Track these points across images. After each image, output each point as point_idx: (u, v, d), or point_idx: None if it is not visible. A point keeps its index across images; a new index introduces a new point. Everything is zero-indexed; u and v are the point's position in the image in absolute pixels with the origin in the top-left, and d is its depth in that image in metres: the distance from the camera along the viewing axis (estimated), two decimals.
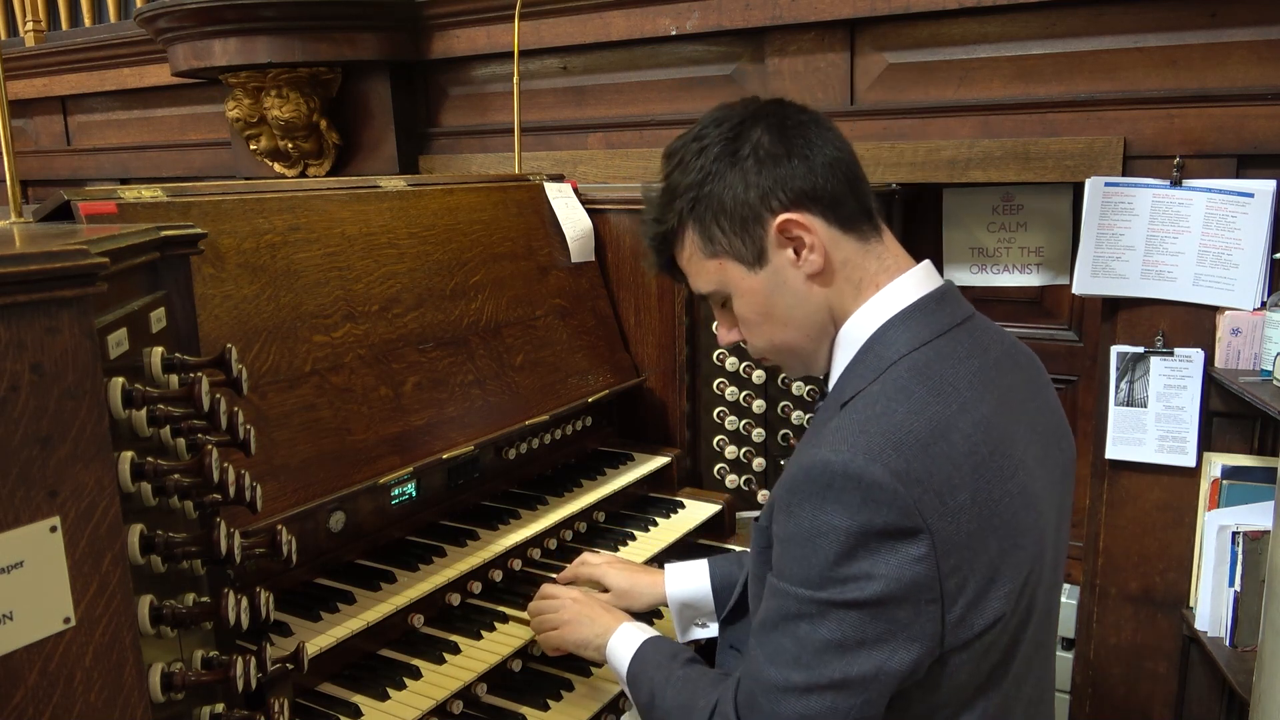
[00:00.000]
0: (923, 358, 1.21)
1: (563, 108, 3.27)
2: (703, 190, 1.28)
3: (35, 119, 4.91)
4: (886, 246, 1.31)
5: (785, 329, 1.32)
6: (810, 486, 1.13)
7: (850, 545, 1.10)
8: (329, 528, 1.69)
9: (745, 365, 2.34)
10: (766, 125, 1.27)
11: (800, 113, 1.30)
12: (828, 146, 1.27)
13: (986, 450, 1.16)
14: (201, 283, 1.52)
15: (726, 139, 1.28)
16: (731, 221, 1.28)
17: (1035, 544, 1.22)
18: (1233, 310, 2.29)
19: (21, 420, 0.82)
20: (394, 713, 1.48)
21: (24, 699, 0.84)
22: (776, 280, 1.29)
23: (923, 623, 1.11)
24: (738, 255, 1.29)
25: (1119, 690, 2.57)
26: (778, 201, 1.25)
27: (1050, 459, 1.32)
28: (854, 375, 1.26)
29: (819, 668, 1.14)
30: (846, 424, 1.16)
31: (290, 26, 3.25)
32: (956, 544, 1.11)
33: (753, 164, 1.26)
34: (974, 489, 1.14)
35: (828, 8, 2.63)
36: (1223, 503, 2.34)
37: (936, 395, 1.17)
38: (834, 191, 1.26)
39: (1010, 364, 1.31)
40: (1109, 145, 2.36)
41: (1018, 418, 1.25)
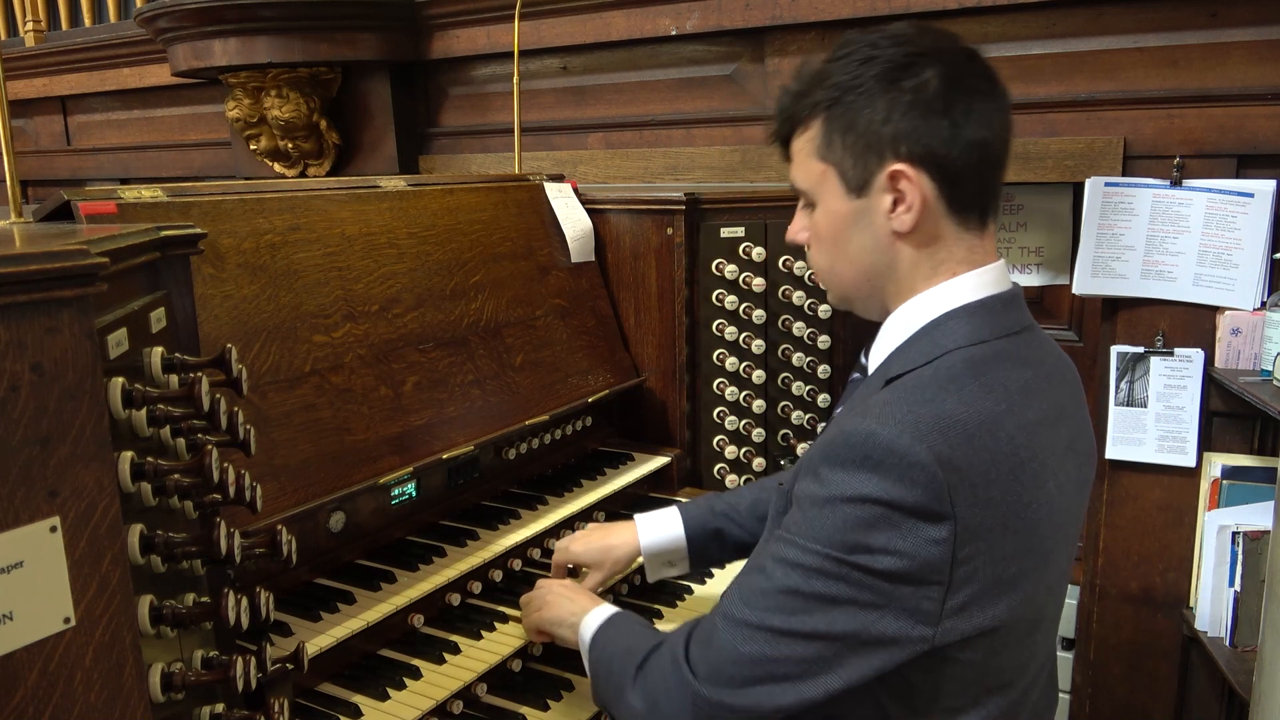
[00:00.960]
0: (979, 354, 1.20)
1: (563, 108, 3.27)
2: (846, 97, 1.23)
3: (35, 119, 4.91)
4: (982, 242, 1.27)
5: (848, 264, 1.30)
6: (849, 453, 1.12)
7: (874, 516, 1.10)
8: (329, 528, 1.69)
9: (745, 365, 2.34)
10: (942, 71, 1.20)
11: (982, 78, 1.23)
12: (985, 125, 1.21)
13: (1026, 454, 1.16)
14: (201, 283, 1.52)
15: (897, 63, 1.21)
16: (855, 141, 1.23)
17: (1051, 554, 1.21)
18: (1233, 310, 2.29)
19: (21, 420, 0.82)
20: (394, 713, 1.48)
21: (24, 699, 0.84)
22: (863, 217, 1.25)
23: (919, 600, 1.11)
24: (843, 173, 1.25)
25: (1119, 690, 2.57)
26: (905, 148, 1.20)
27: (1079, 476, 1.31)
28: (904, 356, 1.24)
29: (800, 616, 1.14)
30: (895, 400, 1.15)
31: (290, 26, 3.25)
32: (977, 535, 1.11)
33: (906, 101, 1.19)
34: (1006, 488, 1.13)
35: (828, 8, 2.63)
36: (1223, 503, 2.34)
37: (988, 392, 1.16)
38: (961, 169, 1.21)
39: (1059, 379, 1.30)
40: (1109, 145, 2.36)
41: (1058, 432, 1.24)
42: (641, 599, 1.98)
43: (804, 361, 2.39)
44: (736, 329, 2.32)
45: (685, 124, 3.02)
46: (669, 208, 2.29)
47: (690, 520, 1.77)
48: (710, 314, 2.32)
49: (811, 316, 2.38)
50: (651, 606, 1.94)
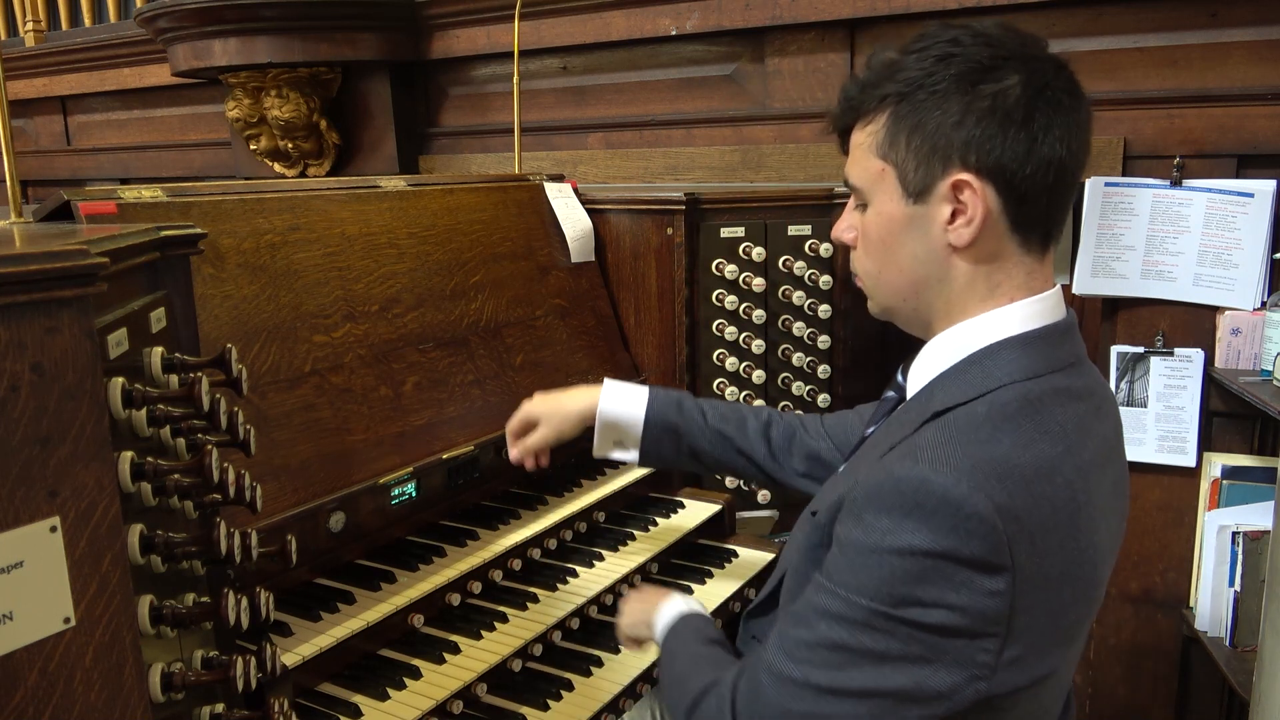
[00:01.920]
0: (1035, 390, 1.12)
1: (563, 108, 3.27)
2: (918, 94, 1.14)
3: (35, 119, 4.91)
4: (1042, 266, 1.20)
5: (895, 272, 1.22)
6: (898, 500, 1.04)
7: (925, 569, 1.02)
8: (329, 528, 1.69)
9: (745, 365, 2.34)
10: (1026, 79, 1.11)
11: (1067, 91, 1.14)
12: (1063, 142, 1.12)
13: (1083, 499, 1.10)
14: (201, 283, 1.52)
15: (979, 64, 1.12)
16: (921, 142, 1.14)
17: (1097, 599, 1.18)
18: (1233, 310, 2.29)
19: (21, 420, 0.82)
20: (394, 713, 1.48)
21: (24, 699, 0.84)
22: (918, 225, 1.18)
23: (974, 651, 1.04)
24: (903, 174, 1.17)
25: (1119, 690, 2.57)
26: (974, 158, 1.12)
27: (1121, 513, 1.28)
28: (951, 385, 1.16)
29: (847, 672, 1.07)
30: (947, 441, 1.08)
31: (290, 26, 3.25)
32: (1035, 585, 1.05)
33: (983, 106, 1.11)
34: (1064, 535, 1.07)
35: (828, 8, 2.63)
36: (1223, 503, 2.34)
37: (1044, 434, 1.09)
38: (1032, 187, 1.13)
39: (1106, 412, 1.24)
40: (1109, 145, 2.36)
41: (1107, 472, 1.19)
42: None
43: (804, 361, 2.39)
44: (736, 329, 2.32)
45: (685, 124, 3.02)
46: (669, 208, 2.29)
47: (654, 405, 1.74)
48: (710, 314, 2.32)
49: (811, 316, 2.38)
50: None
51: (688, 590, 2.01)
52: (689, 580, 2.05)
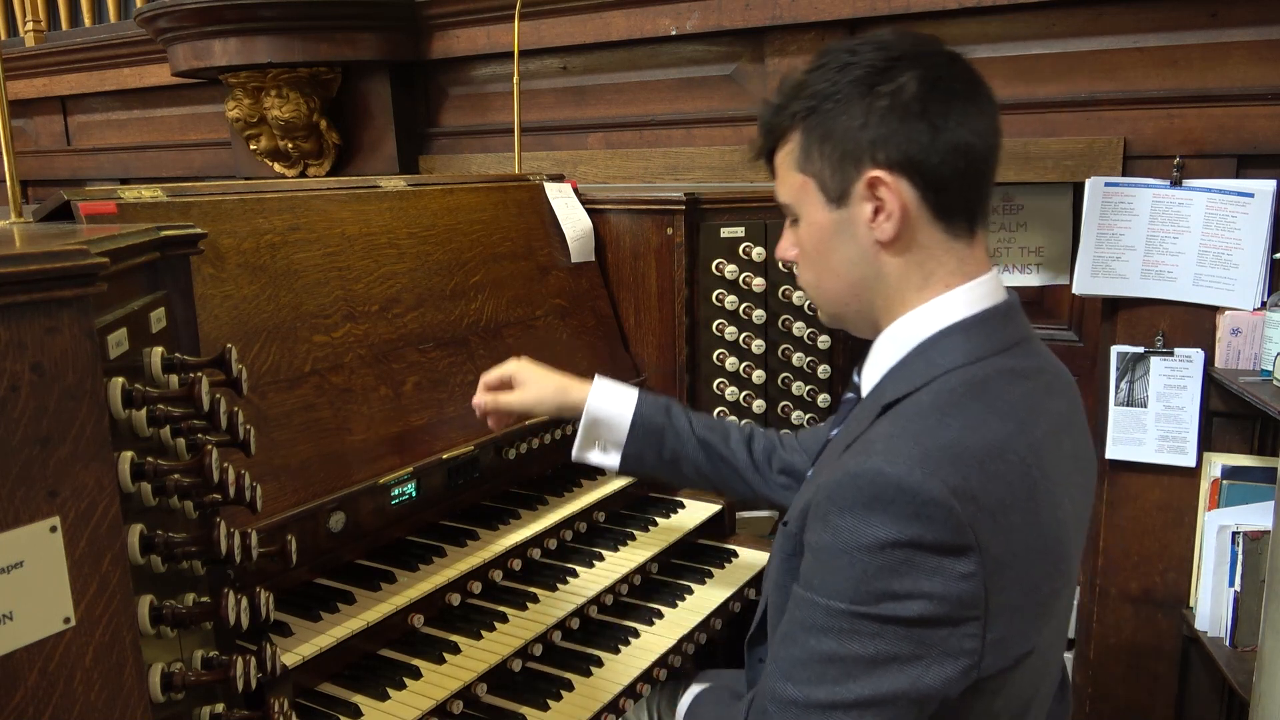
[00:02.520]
0: (980, 372, 1.15)
1: (563, 108, 3.27)
2: (824, 105, 1.20)
3: (35, 119, 4.91)
4: (972, 251, 1.23)
5: (833, 278, 1.27)
6: (856, 495, 1.06)
7: (895, 561, 1.04)
8: (329, 528, 1.69)
9: (745, 365, 2.34)
10: (920, 75, 1.16)
11: (962, 80, 1.19)
12: (966, 128, 1.17)
13: (1038, 474, 1.12)
14: (201, 283, 1.52)
15: (874, 67, 1.17)
16: (833, 150, 1.20)
17: (1070, 571, 1.19)
18: (1233, 310, 2.29)
19: (21, 420, 0.82)
20: (394, 713, 1.48)
21: (24, 699, 0.84)
22: (845, 228, 1.22)
23: (960, 639, 1.06)
24: (822, 184, 1.22)
25: (1119, 690, 2.57)
26: (883, 155, 1.17)
27: (1085, 486, 1.29)
28: (899, 378, 1.20)
29: (845, 684, 1.07)
30: (897, 432, 1.11)
31: (290, 26, 3.25)
32: (1005, 563, 1.06)
33: (883, 106, 1.16)
34: (1025, 511, 1.09)
35: (828, 8, 2.63)
36: (1223, 503, 2.34)
37: (993, 413, 1.12)
38: (944, 174, 1.17)
39: (1059, 388, 1.26)
40: (1109, 145, 2.36)
41: (1063, 444, 1.21)
42: (642, 598, 1.98)
43: (804, 361, 2.39)
44: (736, 329, 2.32)
45: (685, 124, 3.02)
46: (669, 208, 2.29)
47: (643, 406, 1.74)
48: (710, 314, 2.32)
49: (811, 317, 2.38)
50: (652, 606, 1.94)
51: (689, 590, 2.02)
52: (689, 580, 2.05)
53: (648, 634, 1.86)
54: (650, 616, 1.91)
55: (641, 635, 1.85)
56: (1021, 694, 1.19)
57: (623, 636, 1.84)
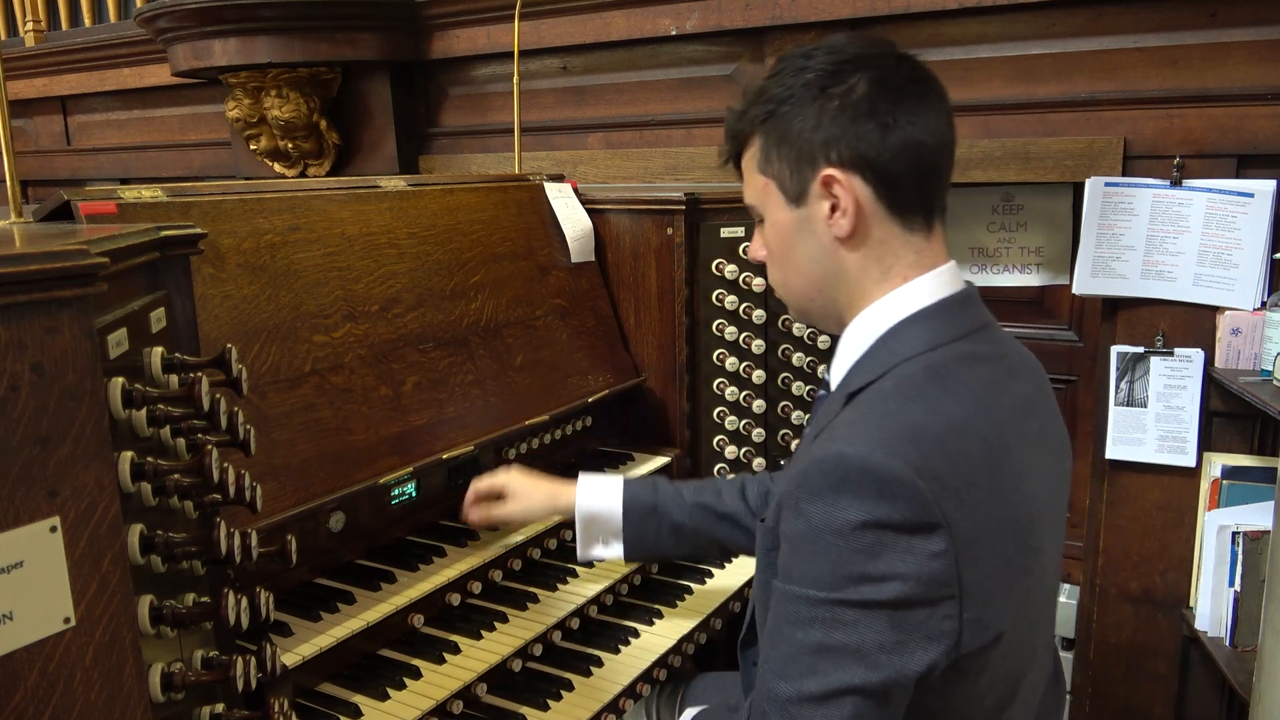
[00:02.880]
0: (939, 359, 1.19)
1: (563, 108, 3.27)
2: (780, 109, 1.25)
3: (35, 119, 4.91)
4: (930, 245, 1.27)
5: (797, 275, 1.32)
6: (823, 480, 1.09)
7: (865, 542, 1.07)
8: (329, 528, 1.69)
9: (745, 365, 2.34)
10: (870, 77, 1.21)
11: (912, 80, 1.23)
12: (914, 126, 1.21)
13: (1001, 451, 1.15)
14: (201, 283, 1.52)
15: (826, 70, 1.22)
16: (789, 151, 1.25)
17: (1044, 547, 1.21)
18: (1233, 310, 2.29)
19: (21, 420, 0.82)
20: (394, 713, 1.48)
21: (24, 699, 0.84)
22: (805, 226, 1.27)
23: (939, 620, 1.08)
24: (782, 185, 1.28)
25: (1119, 690, 2.57)
26: (836, 154, 1.21)
27: (1057, 466, 1.31)
28: (864, 369, 1.24)
29: (834, 674, 1.09)
30: (859, 418, 1.14)
31: (290, 26, 3.25)
32: (974, 539, 1.09)
33: (834, 107, 1.21)
34: (989, 487, 1.12)
35: (828, 8, 2.63)
36: (1223, 503, 2.34)
37: (952, 395, 1.15)
38: (895, 171, 1.21)
39: (1022, 372, 1.29)
40: (1109, 145, 2.36)
41: (1028, 424, 1.24)
42: (642, 598, 1.98)
43: (804, 361, 2.39)
44: (736, 329, 2.32)
45: (685, 124, 3.02)
46: (669, 208, 2.29)
47: (630, 489, 1.78)
48: (710, 314, 2.32)
49: None
50: (652, 606, 1.95)
51: (689, 590, 2.02)
52: (688, 580, 2.05)
53: (648, 634, 1.86)
54: (650, 616, 1.91)
55: (641, 635, 1.85)
56: (1006, 675, 1.21)
57: (623, 636, 1.84)
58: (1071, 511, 2.83)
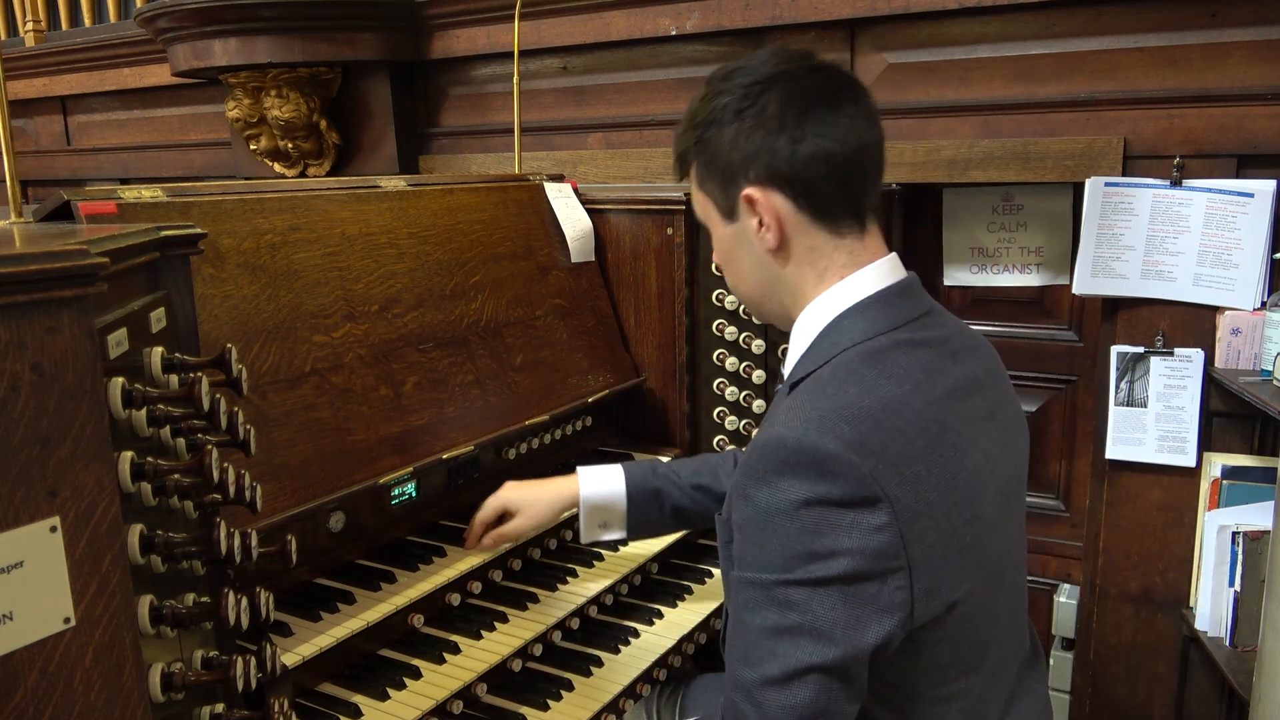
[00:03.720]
0: (875, 345, 1.23)
1: (563, 108, 3.27)
2: (706, 133, 1.31)
3: (35, 119, 4.91)
4: (864, 244, 1.31)
5: (745, 281, 1.38)
6: (765, 465, 1.13)
7: (809, 520, 1.10)
8: (329, 528, 1.69)
9: (745, 365, 2.34)
10: (781, 94, 1.26)
11: (823, 91, 1.27)
12: (825, 136, 1.24)
13: (939, 427, 1.18)
14: (201, 283, 1.52)
15: (742, 93, 1.28)
16: (717, 171, 1.32)
17: (998, 519, 1.24)
18: (1233, 310, 2.29)
19: (21, 420, 0.82)
20: (394, 713, 1.48)
21: (24, 699, 0.84)
22: (741, 239, 1.34)
23: (890, 592, 1.11)
24: (716, 203, 1.35)
25: (1119, 690, 2.57)
26: (753, 173, 1.27)
27: (1009, 443, 1.35)
28: (807, 361, 1.28)
29: (793, 654, 1.12)
30: (797, 404, 1.18)
31: (290, 26, 3.25)
32: (918, 512, 1.12)
33: (748, 127, 1.26)
34: (929, 462, 1.15)
35: (828, 8, 2.63)
36: (1223, 503, 2.34)
37: (888, 377, 1.19)
38: (810, 181, 1.25)
39: (968, 354, 1.33)
40: (1109, 145, 2.36)
41: (972, 402, 1.27)
42: (642, 598, 1.98)
43: None
44: (736, 329, 2.32)
45: None
46: (669, 208, 2.29)
47: (632, 478, 1.81)
48: (710, 314, 2.32)
49: None
50: (652, 606, 1.95)
51: (688, 590, 2.02)
52: (688, 580, 2.05)
53: (648, 634, 1.86)
54: (650, 616, 1.91)
55: (641, 635, 1.85)
56: (969, 645, 1.23)
57: (623, 636, 1.84)
58: (1071, 511, 2.83)
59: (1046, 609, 2.78)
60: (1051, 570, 2.84)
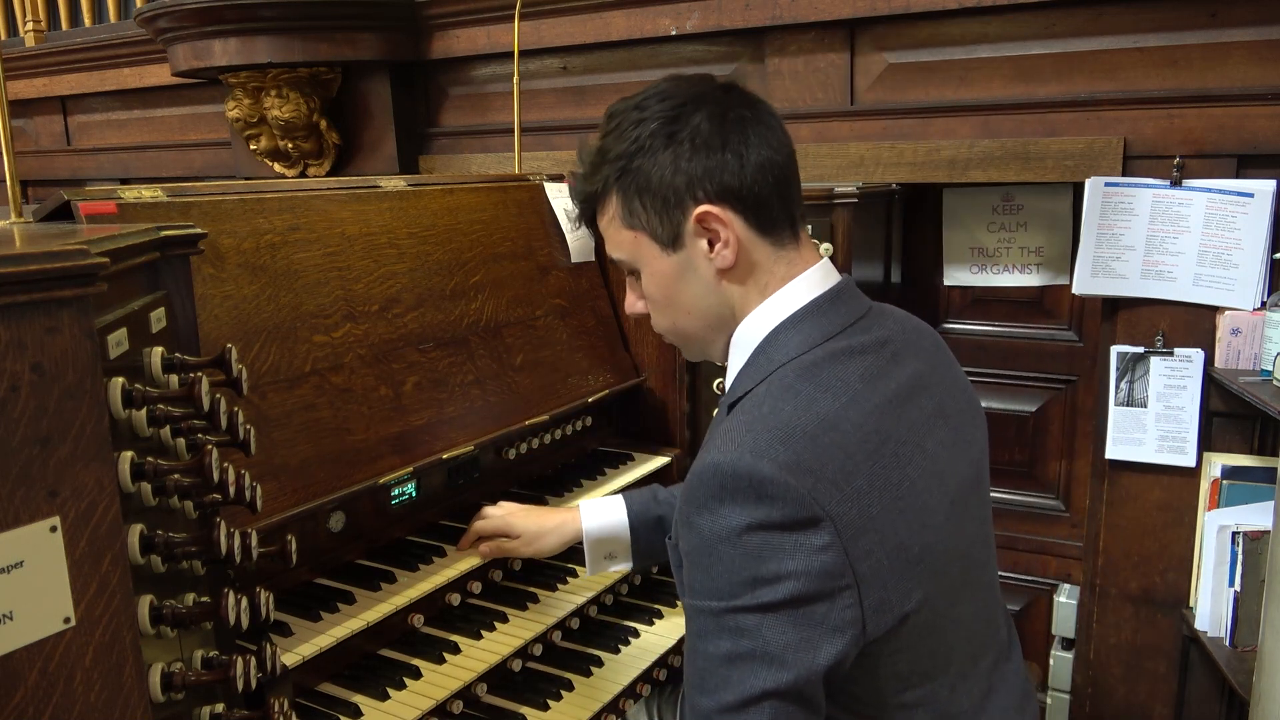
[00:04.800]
0: (811, 359, 1.22)
1: (563, 108, 3.27)
2: (633, 163, 1.27)
3: (35, 119, 4.91)
4: (800, 253, 1.31)
5: (687, 316, 1.34)
6: (704, 491, 1.12)
7: (752, 546, 1.09)
8: (329, 528, 1.69)
9: None
10: (708, 113, 1.25)
11: (744, 106, 1.28)
12: (764, 146, 1.26)
13: (879, 439, 1.17)
14: (201, 283, 1.52)
15: (666, 117, 1.26)
16: (654, 200, 1.27)
17: (949, 522, 1.22)
18: (1233, 310, 2.29)
19: (21, 420, 0.82)
20: (394, 713, 1.48)
21: (24, 699, 0.84)
22: (687, 267, 1.30)
23: (840, 611, 1.10)
24: (654, 234, 1.29)
25: (1119, 690, 2.57)
26: (703, 192, 1.25)
27: (960, 436, 1.32)
28: (744, 379, 1.26)
29: (747, 681, 1.10)
30: (733, 426, 1.16)
31: (290, 26, 3.25)
32: (861, 527, 1.11)
33: (687, 149, 1.25)
34: (870, 475, 1.14)
35: (828, 8, 2.63)
36: (1223, 503, 2.34)
37: (824, 391, 1.17)
38: (760, 193, 1.25)
39: (912, 352, 1.32)
40: (1109, 145, 2.36)
41: (917, 403, 1.26)
42: (642, 598, 1.98)
43: None
44: None
45: None
46: None
47: (634, 507, 1.78)
48: None
49: None
50: (652, 606, 1.95)
51: None
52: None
53: (648, 634, 1.86)
54: (650, 616, 1.91)
55: (641, 635, 1.85)
56: (929, 653, 1.22)
57: (623, 636, 1.84)
58: (1071, 511, 2.83)
59: (1046, 609, 2.78)
60: (1051, 570, 2.84)
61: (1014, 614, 2.86)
